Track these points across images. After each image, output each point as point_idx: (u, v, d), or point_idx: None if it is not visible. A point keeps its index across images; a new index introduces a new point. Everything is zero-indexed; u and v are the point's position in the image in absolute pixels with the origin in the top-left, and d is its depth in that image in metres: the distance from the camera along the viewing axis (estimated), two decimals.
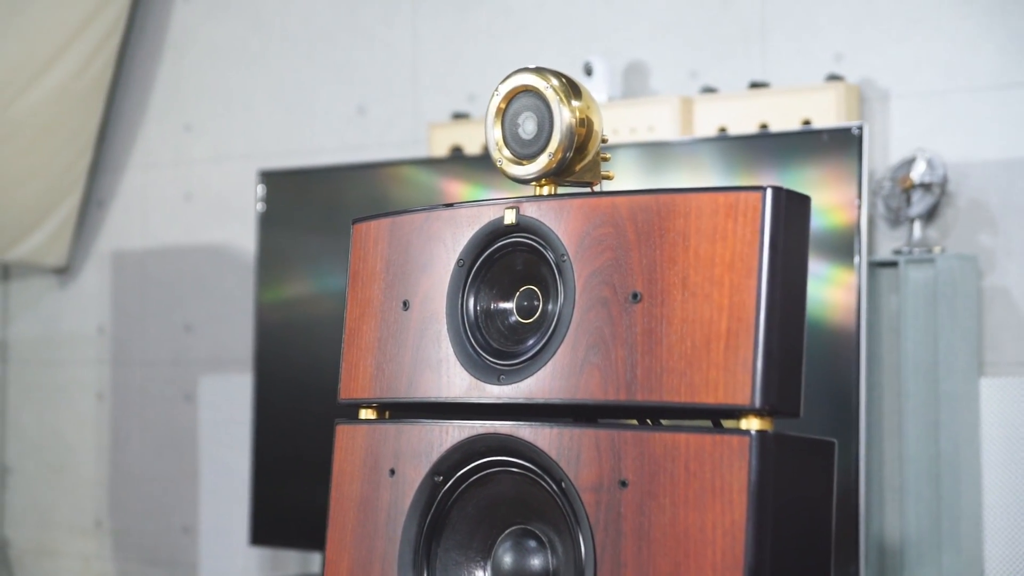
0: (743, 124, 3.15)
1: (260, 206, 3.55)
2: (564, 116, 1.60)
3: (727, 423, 1.54)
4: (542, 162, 1.62)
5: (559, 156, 1.60)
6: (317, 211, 3.52)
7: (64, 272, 4.35)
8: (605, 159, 1.66)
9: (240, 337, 3.95)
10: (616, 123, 3.25)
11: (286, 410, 3.46)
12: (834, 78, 3.13)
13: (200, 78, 4.17)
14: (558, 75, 1.61)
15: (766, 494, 1.40)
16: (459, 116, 3.59)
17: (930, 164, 3.05)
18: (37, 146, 4.12)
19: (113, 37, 4.12)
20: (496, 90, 1.64)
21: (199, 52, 4.17)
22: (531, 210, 1.60)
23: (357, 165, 3.48)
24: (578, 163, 1.63)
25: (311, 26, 3.95)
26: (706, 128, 3.22)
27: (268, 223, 3.54)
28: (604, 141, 1.64)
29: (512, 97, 1.65)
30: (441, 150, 3.48)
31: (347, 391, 1.76)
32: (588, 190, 1.65)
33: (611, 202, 1.53)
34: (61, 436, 4.35)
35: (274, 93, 4.01)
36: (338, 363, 1.79)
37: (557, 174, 1.63)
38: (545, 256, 1.59)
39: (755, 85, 3.22)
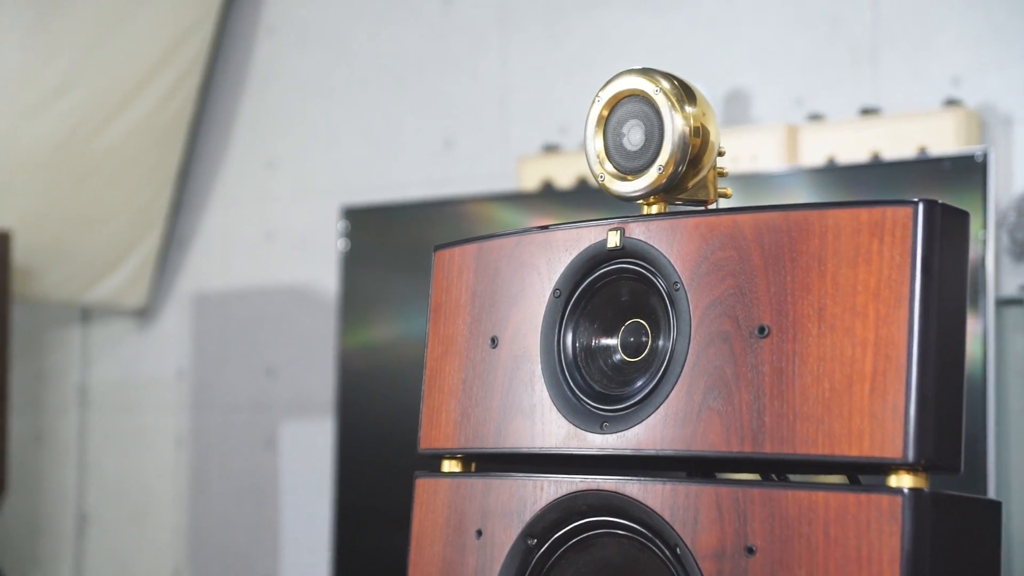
0: (853, 153, 2.99)
1: (342, 244, 3.45)
2: (676, 124, 1.38)
3: (865, 478, 1.32)
4: (651, 177, 1.40)
5: (670, 170, 1.39)
6: (402, 249, 3.42)
7: (144, 314, 4.29)
8: (722, 174, 1.45)
9: (322, 381, 3.86)
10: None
11: (369, 458, 3.36)
12: (952, 103, 2.97)
13: (283, 112, 4.12)
14: (669, 77, 1.40)
15: (922, 564, 1.18)
16: (550, 148, 3.48)
17: None
18: (117, 182, 4.07)
19: (195, 71, 4.06)
20: (597, 96, 1.44)
21: (282, 86, 4.12)
22: (638, 231, 1.39)
23: (443, 200, 3.38)
24: (691, 179, 1.41)
25: (397, 58, 3.89)
26: (813, 157, 3.07)
27: (351, 262, 3.45)
28: (721, 153, 1.43)
29: (615, 103, 1.44)
30: (531, 184, 3.38)
31: (428, 440, 1.55)
32: (703, 208, 1.44)
33: (732, 221, 1.31)
34: (140, 483, 4.29)
35: (358, 127, 3.95)
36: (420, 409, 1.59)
37: (667, 191, 1.41)
38: (655, 284, 1.37)
39: (866, 111, 3.07)
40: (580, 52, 3.57)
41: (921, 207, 1.22)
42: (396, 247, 3.42)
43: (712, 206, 1.45)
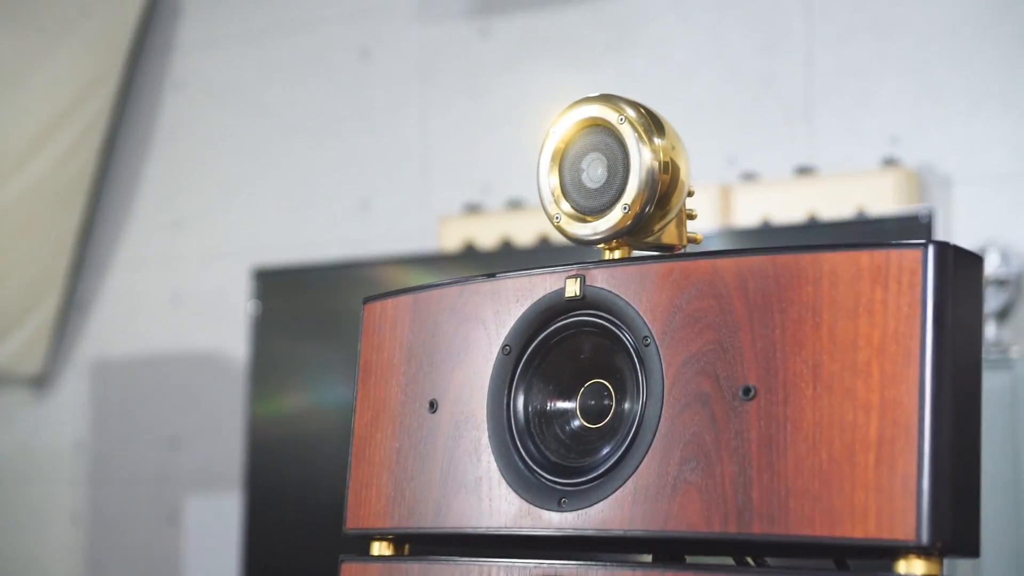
0: (789, 213, 2.91)
1: (253, 307, 3.34)
2: (644, 158, 1.21)
3: (857, 562, 1.15)
4: (614, 217, 1.22)
5: (637, 209, 1.21)
6: (316, 313, 3.31)
7: (40, 381, 4.13)
8: (691, 217, 1.29)
9: (230, 452, 3.72)
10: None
11: (280, 536, 3.23)
12: (890, 162, 2.89)
13: (191, 170, 4.01)
14: (635, 104, 1.24)
15: None
16: (472, 208, 3.39)
17: (1004, 256, 2.77)
18: (14, 244, 3.93)
19: (98, 127, 3.95)
20: (552, 127, 1.27)
21: (191, 143, 4.01)
22: (601, 279, 1.21)
23: (360, 262, 3.30)
24: (658, 221, 1.24)
25: (312, 114, 3.80)
26: (747, 218, 2.97)
27: (262, 327, 3.33)
28: (691, 194, 1.26)
29: (574, 135, 1.27)
30: (453, 245, 3.25)
31: (355, 518, 1.36)
32: (676, 252, 1.28)
33: (710, 266, 1.14)
34: (33, 562, 4.09)
35: (271, 186, 3.84)
36: (343, 483, 1.40)
37: (632, 234, 1.24)
38: (621, 339, 1.19)
39: (801, 170, 2.99)
40: (503, 109, 3.49)
41: (932, 249, 1.06)
42: (310, 311, 3.31)
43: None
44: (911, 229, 2.62)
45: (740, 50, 3.18)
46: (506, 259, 3.04)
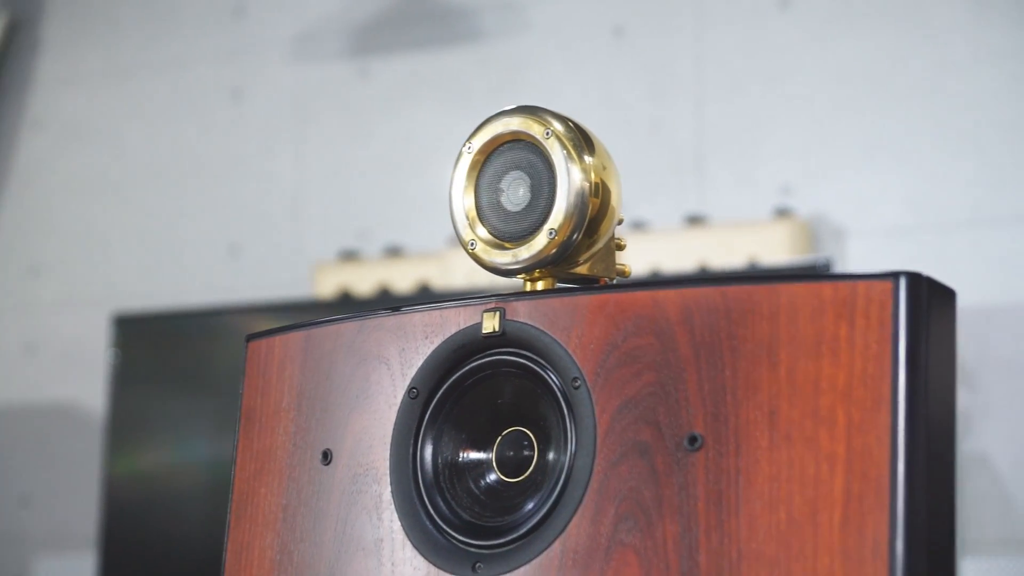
0: (678, 262, 2.87)
1: (112, 356, 3.19)
2: (573, 177, 1.07)
3: None
4: (538, 244, 1.07)
5: (564, 236, 1.07)
6: (180, 363, 3.19)
7: None
8: (620, 247, 1.15)
9: (84, 511, 3.55)
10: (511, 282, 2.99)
11: None
12: (783, 212, 2.86)
13: (49, 214, 3.85)
14: (562, 118, 1.11)
15: None
16: (348, 255, 3.29)
17: None
18: None
19: None
20: (468, 142, 1.13)
21: (49, 185, 3.86)
22: (523, 312, 1.07)
23: (228, 308, 3.18)
24: (585, 250, 1.10)
25: (180, 156, 3.67)
26: (636, 267, 2.90)
27: (121, 377, 3.19)
28: (620, 221, 1.13)
29: (492, 150, 1.13)
30: (327, 292, 3.16)
31: None
32: (610, 283, 1.14)
33: (651, 298, 1.00)
34: None
35: (133, 230, 3.70)
36: (217, 544, 1.24)
37: (557, 263, 1.11)
38: (547, 381, 1.05)
39: (692, 220, 2.94)
40: (383, 152, 3.39)
41: (904, 281, 0.94)
42: (173, 361, 3.19)
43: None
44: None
45: (628, 96, 3.11)
46: (384, 308, 2.94)
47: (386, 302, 2.97)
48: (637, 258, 2.91)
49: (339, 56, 3.47)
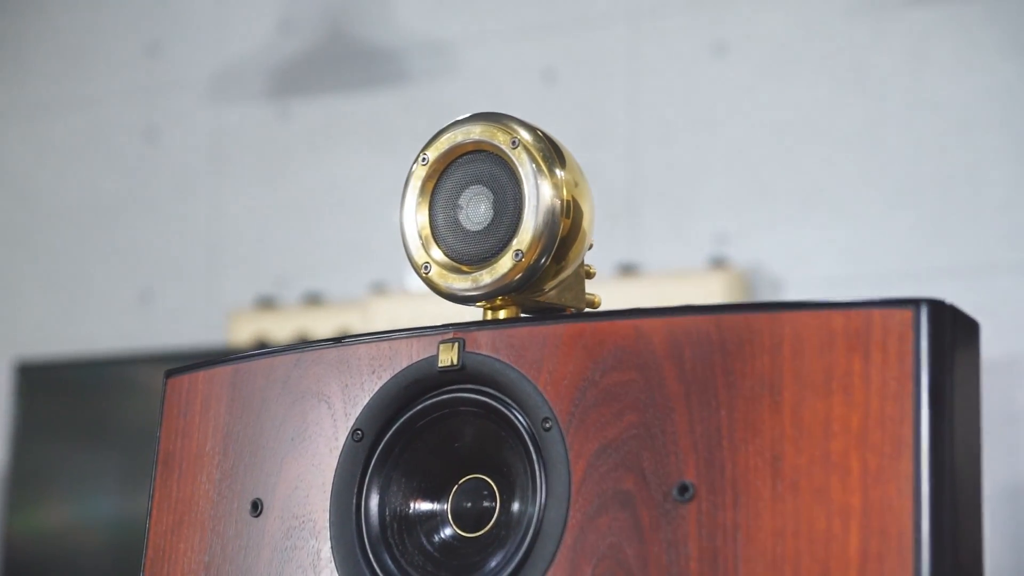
0: None
1: (13, 406, 3.10)
2: (543, 193, 0.95)
3: None
4: (502, 268, 0.94)
5: (531, 259, 0.94)
6: (86, 414, 3.10)
7: None
8: (590, 275, 1.04)
9: None
10: (456, 317, 2.93)
11: None
12: (718, 262, 2.80)
13: None
14: (530, 127, 0.99)
15: None
16: (265, 302, 3.21)
17: None
18: None
19: None
20: (422, 154, 1.00)
21: None
22: (486, 344, 0.94)
23: (137, 357, 3.10)
24: (553, 276, 0.98)
25: (89, 199, 3.57)
26: None
27: (23, 428, 3.10)
28: (590, 246, 1.01)
29: (450, 162, 1.00)
30: (243, 340, 3.05)
31: None
32: (587, 311, 1.02)
33: (633, 328, 0.88)
34: None
35: (39, 274, 3.59)
36: None
37: (521, 289, 0.98)
38: (512, 422, 0.91)
39: (626, 269, 2.87)
40: (303, 196, 3.31)
41: (925, 310, 0.83)
42: (78, 411, 3.10)
43: None
44: None
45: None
46: None
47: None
48: None
49: (258, 96, 3.36)
